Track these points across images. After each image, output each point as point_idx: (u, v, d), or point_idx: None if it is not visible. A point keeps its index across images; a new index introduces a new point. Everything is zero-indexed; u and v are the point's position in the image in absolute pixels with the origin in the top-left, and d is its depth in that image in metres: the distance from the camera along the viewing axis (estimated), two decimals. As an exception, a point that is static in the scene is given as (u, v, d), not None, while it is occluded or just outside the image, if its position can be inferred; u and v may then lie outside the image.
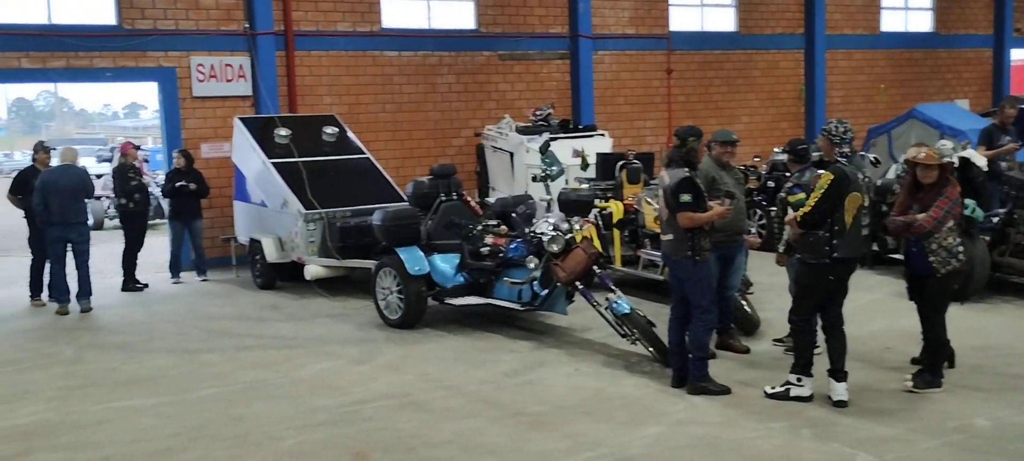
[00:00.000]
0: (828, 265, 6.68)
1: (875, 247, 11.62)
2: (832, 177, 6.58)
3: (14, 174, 12.13)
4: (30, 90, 78.47)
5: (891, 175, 12.48)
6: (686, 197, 6.93)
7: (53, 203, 10.89)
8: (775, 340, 8.47)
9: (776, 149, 14.38)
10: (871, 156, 13.68)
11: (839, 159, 6.84)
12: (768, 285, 10.24)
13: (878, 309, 9.71)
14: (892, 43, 20.34)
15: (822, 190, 6.58)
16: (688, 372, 7.23)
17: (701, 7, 18.39)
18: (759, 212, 13.16)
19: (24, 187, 11.64)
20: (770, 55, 18.93)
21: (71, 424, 6.90)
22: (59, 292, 11.13)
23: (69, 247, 11.13)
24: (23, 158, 53.83)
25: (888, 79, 20.29)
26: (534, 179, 12.06)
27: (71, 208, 11.00)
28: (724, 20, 18.64)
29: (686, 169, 7.06)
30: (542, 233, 8.68)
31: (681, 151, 7.15)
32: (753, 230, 12.80)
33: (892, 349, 8.19)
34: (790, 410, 6.69)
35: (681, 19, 18.06)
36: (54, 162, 11.59)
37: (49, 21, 13.06)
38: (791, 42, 19.05)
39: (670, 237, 7.14)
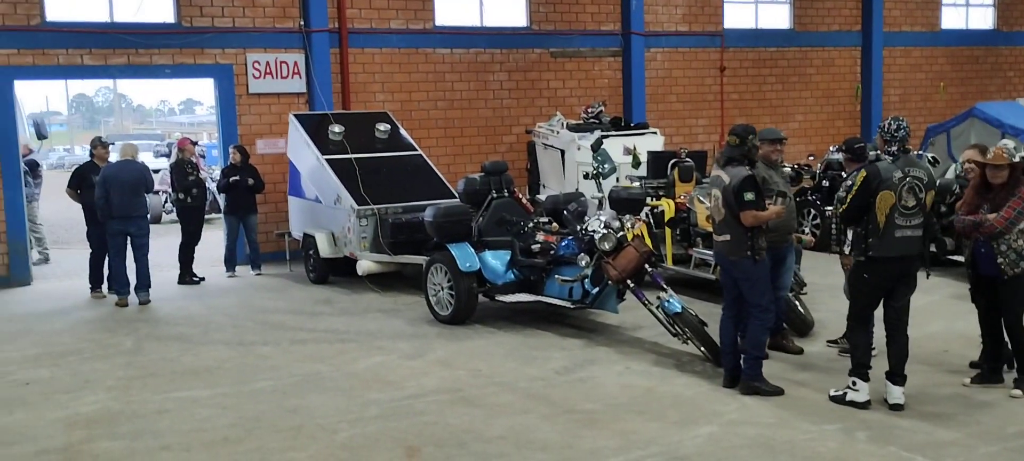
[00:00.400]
0: (863, 263, 6.66)
1: (933, 248, 11.41)
2: (864, 175, 6.57)
3: (73, 169, 12.42)
4: (90, 86, 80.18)
5: (950, 175, 12.26)
6: (750, 195, 6.88)
7: (114, 197, 11.13)
8: (829, 341, 8.37)
9: (831, 147, 14.20)
10: (929, 155, 13.47)
11: (884, 157, 6.76)
12: (822, 286, 10.12)
13: (936, 311, 9.55)
14: (952, 40, 19.93)
15: (855, 188, 6.61)
16: (740, 372, 7.17)
17: (755, 4, 18.20)
18: (813, 212, 13.00)
19: (82, 182, 11.91)
20: (825, 52, 18.67)
21: (131, 413, 7.06)
22: (119, 284, 11.38)
23: (129, 240, 11.37)
24: (83, 153, 55.19)
25: (947, 77, 19.89)
26: (586, 177, 12.06)
27: (131, 202, 11.23)
28: (779, 17, 18.43)
29: (747, 167, 7.01)
30: (594, 231, 8.66)
31: (742, 149, 7.10)
32: (807, 230, 12.72)
33: (950, 352, 8.05)
34: (846, 412, 6.61)
35: (735, 16, 17.89)
36: (113, 157, 11.83)
37: (111, 19, 13.35)
38: (847, 39, 18.77)
39: (727, 237, 7.08)
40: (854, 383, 6.73)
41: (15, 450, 6.32)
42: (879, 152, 7.01)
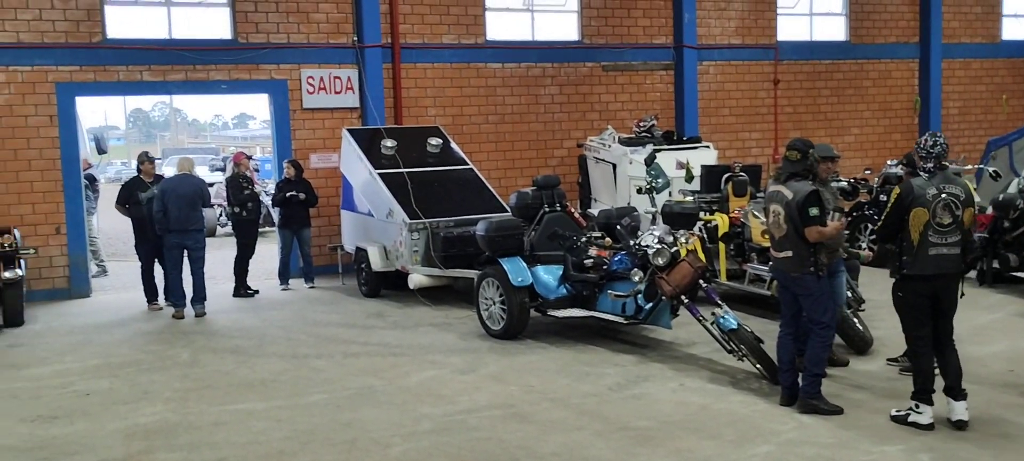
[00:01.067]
0: (898, 281, 6.61)
1: (995, 264, 11.15)
2: (898, 192, 6.53)
3: (121, 184, 12.67)
4: (147, 101, 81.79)
5: (1013, 189, 11.96)
6: (814, 211, 6.78)
7: (171, 210, 11.32)
8: (889, 359, 8.20)
9: (889, 162, 13.94)
10: (990, 169, 13.16)
11: (920, 173, 6.65)
12: (880, 302, 9.90)
13: (999, 329, 9.31)
14: (1013, 52, 19.48)
15: (889, 205, 6.57)
16: (798, 390, 7.05)
17: (810, 16, 17.98)
18: (870, 226, 12.77)
19: (129, 197, 12.11)
20: (882, 65, 18.36)
21: (189, 425, 7.14)
22: (175, 297, 11.55)
23: (185, 253, 11.54)
24: (140, 167, 56.20)
25: (1009, 89, 19.45)
26: (639, 191, 11.97)
27: (188, 215, 11.40)
28: (834, 29, 18.19)
29: (810, 182, 6.92)
30: (647, 246, 8.59)
31: (803, 164, 7.01)
32: (864, 245, 12.49)
33: (1016, 372, 7.83)
34: (908, 433, 6.45)
35: (789, 29, 17.69)
36: (169, 171, 12.02)
37: (169, 36, 13.61)
38: (905, 51, 18.46)
39: (788, 253, 6.97)
40: (917, 406, 6.57)
41: (77, 460, 6.42)
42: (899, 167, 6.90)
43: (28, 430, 7.10)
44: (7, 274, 11.04)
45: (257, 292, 12.93)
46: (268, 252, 14.87)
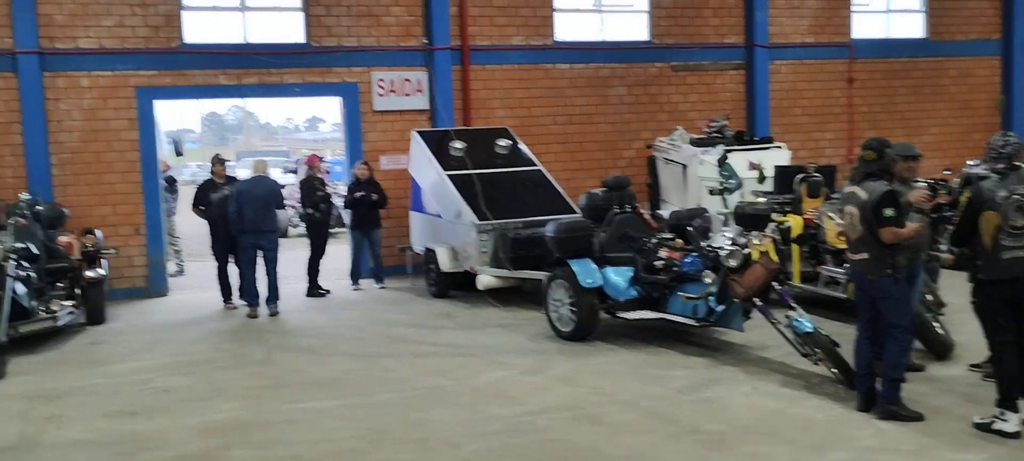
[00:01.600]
0: (976, 287, 6.50)
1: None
2: (968, 195, 6.42)
3: (197, 187, 12.98)
4: (221, 105, 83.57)
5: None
6: (890, 211, 6.61)
7: (246, 211, 11.53)
8: (971, 365, 7.95)
9: (970, 162, 13.50)
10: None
11: (993, 174, 6.44)
12: (961, 306, 9.55)
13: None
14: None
15: (961, 208, 6.47)
16: (876, 396, 6.88)
17: (887, 13, 17.55)
18: (952, 228, 12.39)
19: (203, 198, 12.39)
20: (962, 62, 17.83)
21: (263, 422, 7.26)
22: (250, 296, 11.76)
23: (259, 253, 11.74)
24: (214, 169, 57.44)
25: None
26: (711, 192, 11.83)
27: (262, 216, 11.60)
28: (911, 26, 17.72)
29: (886, 182, 6.75)
30: (719, 247, 8.47)
31: (879, 164, 6.84)
32: (944, 247, 12.12)
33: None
34: (992, 441, 6.25)
35: (864, 26, 17.29)
36: (244, 173, 12.24)
37: (244, 40, 13.88)
38: (986, 48, 17.89)
39: (865, 256, 6.81)
40: (1002, 413, 6.36)
41: (156, 455, 6.58)
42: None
43: (109, 425, 7.30)
44: (90, 273, 11.37)
45: (329, 292, 13.11)
46: (339, 253, 15.05)
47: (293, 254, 15.79)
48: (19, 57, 12.59)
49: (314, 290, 13.07)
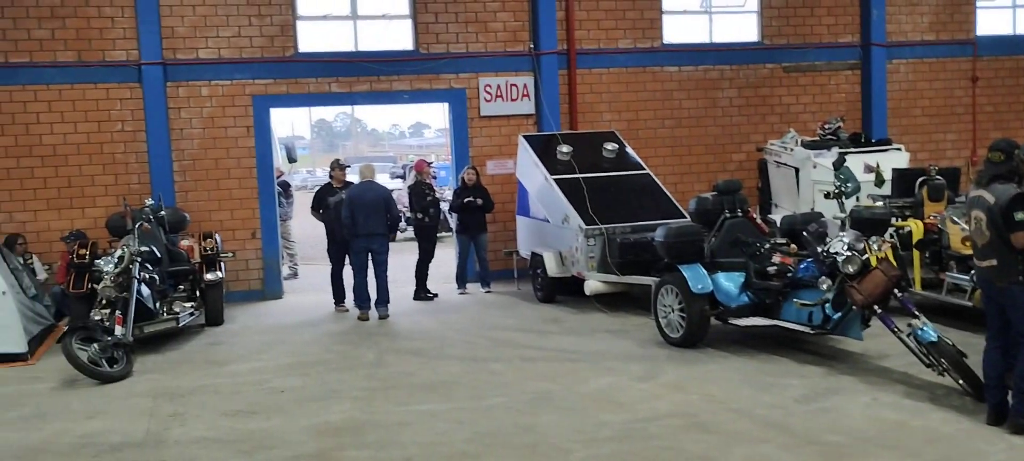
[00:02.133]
0: None
1: None
2: None
3: (314, 191, 13.29)
4: (330, 112, 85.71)
5: None
6: (1021, 215, 6.28)
7: (358, 216, 11.76)
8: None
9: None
10: None
11: None
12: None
13: None
14: None
15: None
16: (1007, 409, 6.54)
17: (1013, 8, 16.75)
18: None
19: (321, 202, 12.69)
20: (1095, 58, 16.90)
21: (375, 423, 7.36)
22: (361, 299, 11.98)
23: (370, 257, 11.95)
24: (323, 175, 59.03)
25: None
26: (827, 196, 11.50)
27: (374, 221, 11.80)
28: (1040, 22, 16.89)
29: (1015, 185, 6.42)
30: (836, 253, 8.20)
31: (1007, 165, 6.52)
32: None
33: None
34: None
35: (989, 23, 16.54)
36: (353, 178, 12.49)
37: (355, 48, 14.16)
38: (1124, 43, 16.92)
39: (994, 262, 6.49)
40: None
41: (274, 454, 6.74)
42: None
43: (229, 424, 7.52)
44: (209, 276, 11.77)
45: (436, 296, 13.25)
46: (445, 257, 15.20)
47: (400, 258, 16.01)
48: (144, 68, 13.13)
49: (422, 294, 13.22)
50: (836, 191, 10.89)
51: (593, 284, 11.52)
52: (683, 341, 9.43)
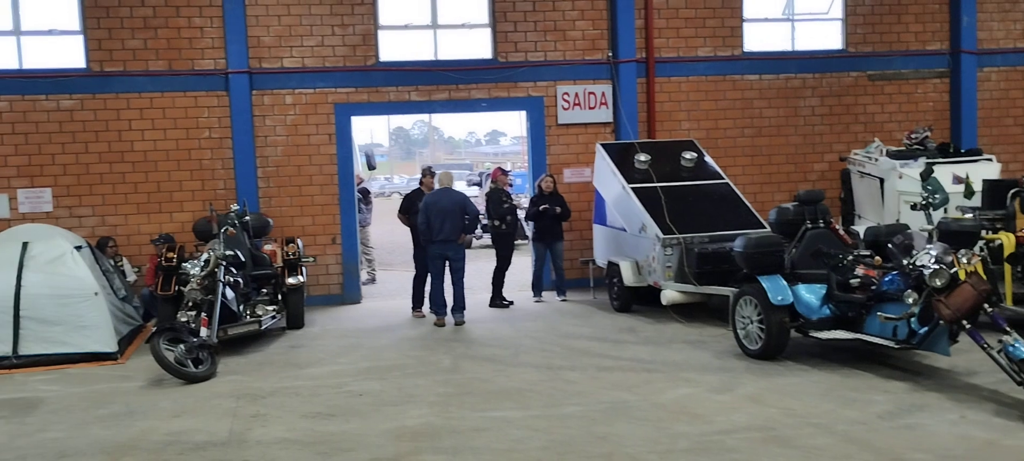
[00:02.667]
0: None
1: None
2: None
3: (403, 195, 13.45)
4: (407, 120, 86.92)
5: None
6: None
7: (434, 223, 11.87)
8: None
9: None
10: None
11: None
12: None
13: None
14: None
15: None
16: (1106, 431, 6.28)
17: (1112, 14, 16.12)
18: None
19: (410, 207, 12.84)
20: None
21: (451, 429, 7.41)
22: (437, 305, 12.08)
23: (447, 264, 12.05)
24: (400, 182, 59.80)
25: None
26: (912, 207, 11.20)
27: (449, 227, 11.89)
28: None
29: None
30: (923, 265, 7.98)
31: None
32: None
33: None
34: None
35: (1086, 28, 15.94)
36: (436, 185, 12.62)
37: (435, 57, 14.32)
38: None
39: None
40: None
41: (352, 456, 6.84)
42: None
43: (309, 425, 7.66)
44: (291, 280, 12.01)
45: (512, 303, 13.29)
46: (521, 265, 15.23)
47: (476, 265, 16.12)
48: (231, 77, 13.50)
49: (498, 301, 13.28)
50: (923, 202, 10.59)
51: (670, 294, 11.42)
52: (762, 353, 9.29)
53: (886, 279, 8.58)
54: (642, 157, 12.72)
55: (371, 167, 19.23)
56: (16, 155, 13.18)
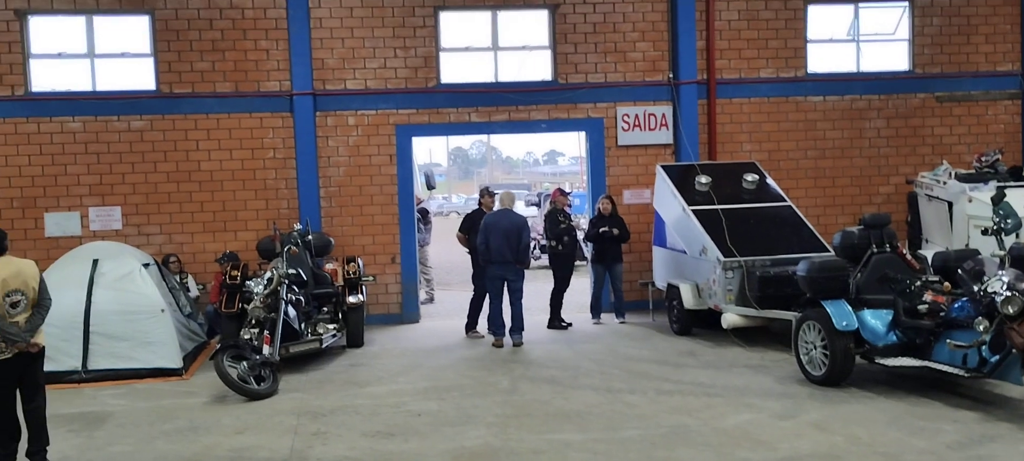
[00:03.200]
0: None
1: None
2: None
3: (462, 215, 13.50)
4: (466, 140, 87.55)
5: None
6: None
7: (492, 243, 11.90)
8: None
9: None
10: None
11: None
12: None
13: None
14: None
15: None
16: None
17: None
18: None
19: (471, 227, 12.89)
20: None
21: (510, 450, 7.40)
22: (496, 326, 12.09)
23: (505, 285, 12.06)
24: (458, 201, 60.16)
25: None
26: (983, 232, 10.89)
27: (508, 249, 11.90)
28: None
29: None
30: (995, 292, 7.78)
31: None
32: None
33: None
34: None
35: None
36: (496, 205, 12.64)
37: (495, 79, 14.40)
38: None
39: None
40: None
41: (411, 475, 6.87)
42: None
43: (369, 444, 7.71)
44: (351, 299, 12.13)
45: (570, 325, 13.24)
46: (578, 286, 15.17)
47: (534, 286, 16.11)
48: (295, 98, 13.72)
49: (556, 322, 13.24)
50: (995, 227, 10.27)
51: (731, 317, 11.28)
52: (826, 379, 9.12)
53: (955, 306, 8.38)
54: (703, 179, 12.62)
55: (430, 187, 19.37)
56: (88, 174, 13.54)
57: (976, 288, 8.08)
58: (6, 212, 13.38)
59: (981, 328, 7.87)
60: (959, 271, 8.53)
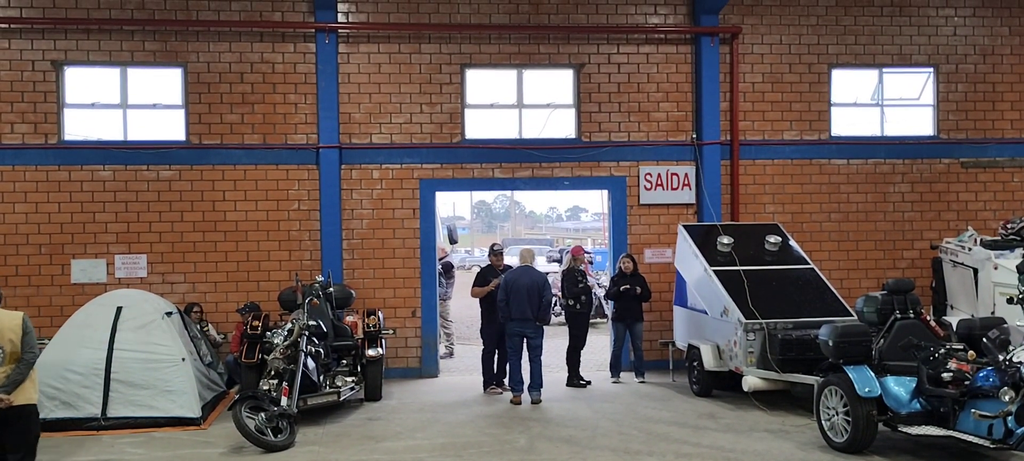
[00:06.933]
0: None
1: None
2: None
3: (477, 272, 13.56)
4: (489, 194, 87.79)
5: None
6: None
7: (512, 300, 11.90)
8: None
9: None
10: None
11: None
12: None
13: None
14: None
15: None
16: None
17: None
18: None
19: (483, 283, 12.93)
20: None
21: (526, 511, 7.33)
22: (514, 383, 12.04)
23: (524, 342, 12.03)
24: (481, 255, 60.25)
25: None
26: (1010, 301, 10.79)
27: (528, 306, 11.90)
28: None
29: None
30: (1021, 362, 7.68)
31: None
32: None
33: None
34: None
35: None
36: (511, 260, 12.65)
37: (519, 136, 14.51)
38: None
39: None
40: None
41: (425, 534, 6.81)
42: None
43: (384, 499, 7.67)
44: (371, 352, 12.14)
45: (589, 383, 13.16)
46: (598, 343, 15.11)
47: (553, 343, 16.05)
48: (321, 151, 13.87)
49: (575, 380, 13.17)
50: (1020, 296, 10.19)
51: (752, 380, 11.17)
52: (848, 446, 8.99)
53: (980, 375, 8.26)
54: (725, 239, 12.60)
55: (453, 241, 19.43)
56: (116, 222, 13.71)
57: (1002, 357, 7.98)
58: (34, 258, 13.56)
59: (1007, 398, 7.76)
60: (984, 339, 8.43)
